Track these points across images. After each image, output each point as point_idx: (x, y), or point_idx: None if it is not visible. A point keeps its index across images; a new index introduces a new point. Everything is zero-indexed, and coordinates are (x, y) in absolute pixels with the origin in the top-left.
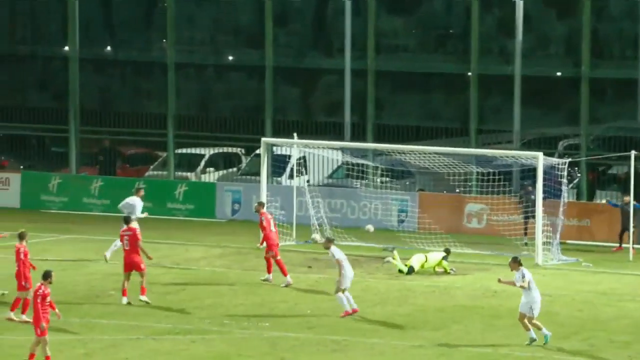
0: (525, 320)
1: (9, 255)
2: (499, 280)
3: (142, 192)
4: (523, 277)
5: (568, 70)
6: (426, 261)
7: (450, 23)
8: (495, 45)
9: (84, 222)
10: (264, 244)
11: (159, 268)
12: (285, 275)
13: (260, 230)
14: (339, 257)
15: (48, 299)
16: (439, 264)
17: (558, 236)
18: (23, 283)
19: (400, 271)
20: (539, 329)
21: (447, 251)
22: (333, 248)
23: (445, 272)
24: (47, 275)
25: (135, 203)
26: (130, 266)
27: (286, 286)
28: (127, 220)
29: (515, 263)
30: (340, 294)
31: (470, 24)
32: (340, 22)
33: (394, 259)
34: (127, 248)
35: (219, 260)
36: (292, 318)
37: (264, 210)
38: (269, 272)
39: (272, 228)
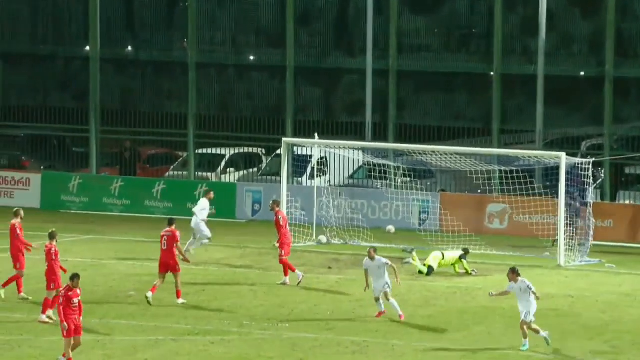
0: (525, 327)
1: (37, 255)
2: (490, 294)
3: (211, 194)
4: (529, 287)
5: (592, 69)
6: (443, 259)
7: (473, 22)
8: (519, 45)
9: (104, 222)
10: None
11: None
12: (285, 275)
13: (276, 229)
14: (364, 267)
15: (75, 300)
16: (458, 262)
17: (590, 238)
18: (52, 284)
19: (420, 272)
20: (537, 332)
21: (466, 251)
22: (367, 260)
23: (467, 273)
24: (72, 277)
25: (204, 205)
26: (166, 267)
27: (282, 284)
28: (170, 221)
29: (514, 274)
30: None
31: (493, 23)
32: (362, 21)
33: (413, 260)
34: (164, 248)
35: (240, 261)
36: (312, 319)
37: (279, 208)
38: (286, 274)
39: (287, 227)
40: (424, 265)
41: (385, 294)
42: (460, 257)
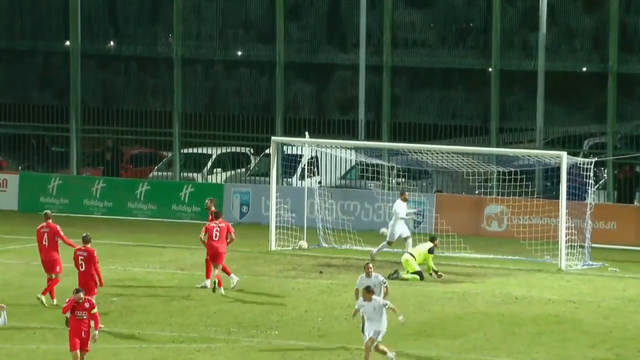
0: (371, 351)
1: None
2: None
3: (405, 195)
4: (384, 305)
5: (594, 65)
6: (416, 259)
7: (470, 16)
8: (518, 39)
9: (85, 225)
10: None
11: (163, 273)
12: (207, 277)
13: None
14: (358, 285)
15: (79, 313)
16: (427, 257)
17: (588, 241)
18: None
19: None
20: (384, 353)
21: (433, 239)
22: (362, 278)
23: (434, 273)
24: (76, 291)
25: (400, 207)
26: (215, 257)
27: (202, 287)
28: (217, 215)
29: (369, 293)
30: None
31: (492, 16)
32: (355, 15)
33: (405, 275)
34: (216, 239)
35: (226, 265)
36: (302, 326)
37: (215, 207)
38: (228, 273)
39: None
40: (412, 273)
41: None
42: (429, 251)
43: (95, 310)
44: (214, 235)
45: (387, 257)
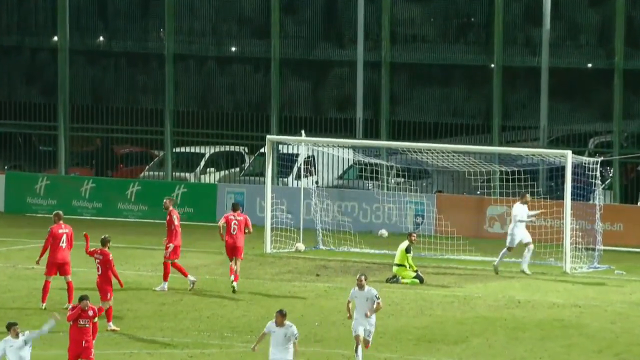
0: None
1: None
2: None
3: (527, 197)
4: (293, 335)
5: (600, 61)
6: (397, 259)
7: (471, 10)
8: (521, 35)
9: (74, 227)
10: (171, 245)
11: (155, 276)
12: (164, 280)
13: (167, 229)
14: (350, 297)
15: (81, 322)
16: (404, 256)
17: (599, 243)
18: (107, 293)
19: (413, 283)
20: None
21: (410, 238)
22: (355, 290)
23: (402, 273)
24: (82, 298)
25: (520, 210)
26: (234, 251)
27: (160, 290)
28: (235, 206)
29: (282, 317)
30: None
31: (494, 11)
32: (352, 10)
33: (403, 279)
34: (233, 233)
35: (220, 268)
36: (299, 330)
37: (173, 207)
38: (185, 275)
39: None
40: (411, 277)
41: (366, 343)
42: (406, 250)
43: (96, 319)
44: (232, 228)
45: (389, 259)
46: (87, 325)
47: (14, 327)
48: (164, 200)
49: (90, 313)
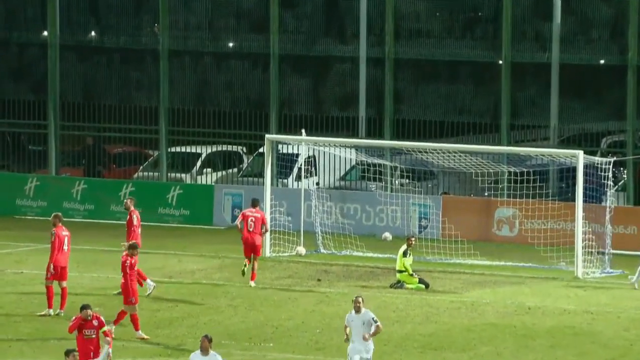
0: None
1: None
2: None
3: None
4: None
5: (613, 57)
6: (403, 266)
7: (479, 4)
8: (530, 30)
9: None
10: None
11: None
12: (144, 279)
13: (127, 230)
14: (346, 322)
15: (86, 332)
16: (401, 259)
17: (609, 247)
18: (130, 298)
19: (418, 289)
20: None
21: (409, 241)
22: (351, 314)
23: (406, 279)
24: (83, 307)
25: None
26: (252, 249)
27: (152, 289)
28: (254, 202)
29: (209, 341)
30: None
31: (502, 5)
32: (354, 3)
33: (408, 283)
34: (250, 230)
35: (217, 273)
36: (299, 338)
37: (134, 207)
38: (144, 278)
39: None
40: (415, 282)
41: None
42: (404, 254)
43: (105, 328)
44: (249, 225)
45: (393, 264)
46: (93, 336)
47: (73, 354)
48: (125, 200)
49: (95, 323)
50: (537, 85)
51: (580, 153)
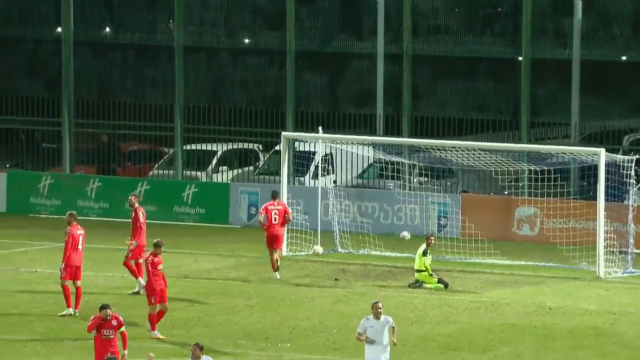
0: None
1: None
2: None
3: None
4: None
5: (634, 53)
6: (422, 266)
7: (498, 0)
8: (551, 26)
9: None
10: (134, 242)
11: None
12: (137, 278)
13: (132, 227)
14: (362, 328)
15: (105, 332)
16: (420, 258)
17: (632, 246)
18: (150, 297)
19: (437, 289)
20: None
21: (428, 240)
22: (369, 320)
23: (425, 279)
24: (103, 307)
25: None
26: (275, 241)
27: (132, 293)
28: (274, 195)
29: (200, 350)
30: None
31: (522, 1)
32: None
33: (426, 283)
34: (275, 223)
35: (234, 272)
36: (316, 338)
37: (139, 204)
38: (137, 277)
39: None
40: (434, 282)
41: None
42: (423, 253)
43: (123, 329)
44: (273, 218)
45: (411, 263)
46: (111, 336)
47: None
48: (129, 197)
49: (114, 323)
50: (558, 82)
51: (602, 151)
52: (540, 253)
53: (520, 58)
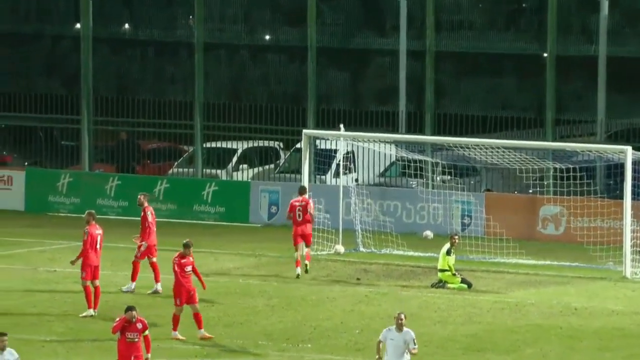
0: None
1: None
2: None
3: None
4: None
5: None
6: (446, 265)
7: None
8: (577, 22)
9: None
10: (145, 244)
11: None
12: (132, 280)
13: (141, 226)
14: (383, 338)
15: (129, 335)
16: (444, 258)
17: None
18: (176, 299)
19: (460, 289)
20: None
21: (452, 239)
22: (391, 331)
23: (448, 279)
24: (129, 309)
25: None
26: (303, 238)
27: (126, 290)
28: (302, 190)
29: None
30: None
31: None
32: None
33: (450, 283)
34: (299, 219)
35: (254, 271)
36: (337, 338)
37: (148, 204)
38: (157, 280)
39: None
40: (458, 282)
41: None
42: (447, 252)
43: (147, 332)
44: (297, 215)
45: (434, 263)
46: (135, 340)
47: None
48: (139, 196)
49: (139, 326)
50: (583, 79)
51: (628, 149)
52: (565, 253)
53: (545, 54)
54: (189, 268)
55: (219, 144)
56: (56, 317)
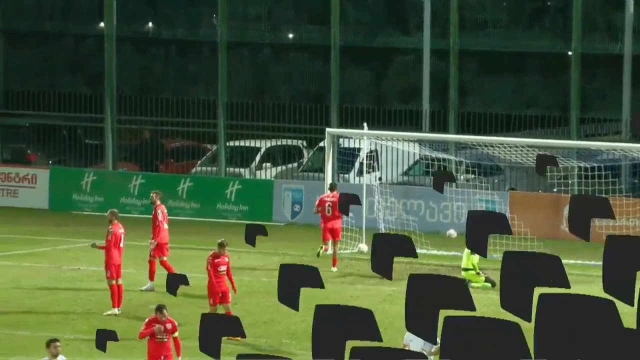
0: None
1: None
2: None
3: None
4: None
5: None
6: (471, 265)
7: None
8: (602, 20)
9: (122, 225)
10: (154, 242)
11: (207, 279)
12: (150, 279)
13: (152, 225)
14: (406, 341)
15: (159, 336)
16: (468, 256)
17: None
18: (209, 299)
19: (484, 288)
20: None
21: None
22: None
23: (472, 278)
24: (159, 308)
25: None
26: (331, 234)
27: (146, 290)
28: (332, 187)
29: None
30: None
31: None
32: None
33: (473, 282)
34: (328, 215)
35: (278, 270)
36: None
37: (160, 202)
38: (151, 278)
39: (166, 225)
40: (482, 281)
41: None
42: (471, 251)
43: (177, 334)
44: (326, 210)
45: (458, 262)
46: (165, 339)
47: (54, 344)
48: (151, 194)
49: (169, 326)
50: (608, 77)
51: None
52: (590, 252)
53: (570, 53)
54: (223, 268)
55: (242, 143)
56: (80, 315)
